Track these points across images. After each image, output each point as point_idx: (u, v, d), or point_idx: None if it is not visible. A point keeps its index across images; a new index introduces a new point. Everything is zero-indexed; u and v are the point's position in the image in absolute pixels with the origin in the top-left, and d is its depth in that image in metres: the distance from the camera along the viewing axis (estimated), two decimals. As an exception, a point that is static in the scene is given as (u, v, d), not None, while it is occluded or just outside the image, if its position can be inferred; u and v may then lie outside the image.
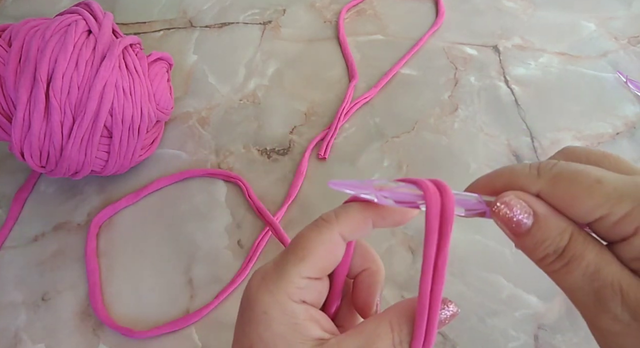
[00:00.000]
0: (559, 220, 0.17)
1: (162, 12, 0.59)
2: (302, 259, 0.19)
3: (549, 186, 0.18)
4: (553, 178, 0.18)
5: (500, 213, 0.18)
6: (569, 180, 0.17)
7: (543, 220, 0.17)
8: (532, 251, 0.18)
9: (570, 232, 0.17)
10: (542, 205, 0.17)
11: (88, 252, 0.40)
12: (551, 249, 0.17)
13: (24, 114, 0.36)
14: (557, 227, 0.17)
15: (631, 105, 0.48)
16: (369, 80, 0.51)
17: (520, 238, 0.18)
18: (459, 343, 0.35)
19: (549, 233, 0.17)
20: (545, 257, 0.17)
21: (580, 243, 0.17)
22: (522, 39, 0.55)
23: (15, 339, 0.36)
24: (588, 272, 0.16)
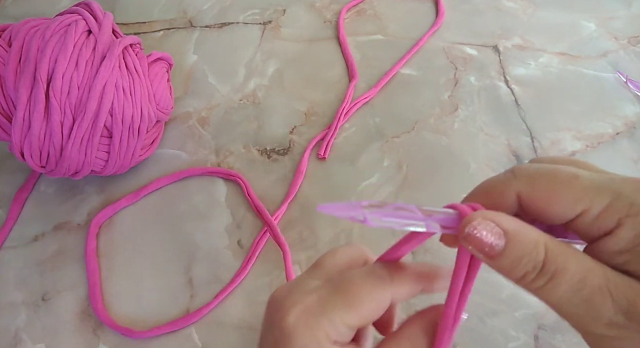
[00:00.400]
0: (531, 232, 0.17)
1: (162, 12, 0.59)
2: (351, 308, 0.19)
3: (527, 185, 0.17)
4: (530, 178, 0.17)
5: (469, 240, 0.17)
6: (547, 177, 0.17)
7: (514, 236, 0.16)
8: (511, 271, 0.17)
9: (544, 243, 0.16)
10: (510, 220, 0.17)
11: (88, 252, 0.40)
12: (530, 266, 0.16)
13: (24, 114, 0.36)
14: (530, 241, 0.16)
15: (631, 105, 0.48)
16: (369, 80, 0.51)
17: (496, 260, 0.17)
18: (459, 343, 0.35)
19: (524, 249, 0.16)
20: (525, 275, 0.17)
21: (559, 254, 0.16)
22: (522, 39, 0.55)
23: (15, 339, 0.36)
24: (574, 282, 0.16)
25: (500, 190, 0.18)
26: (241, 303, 0.37)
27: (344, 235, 0.40)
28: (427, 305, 0.22)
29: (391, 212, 0.17)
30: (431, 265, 0.22)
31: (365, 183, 0.43)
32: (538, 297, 0.17)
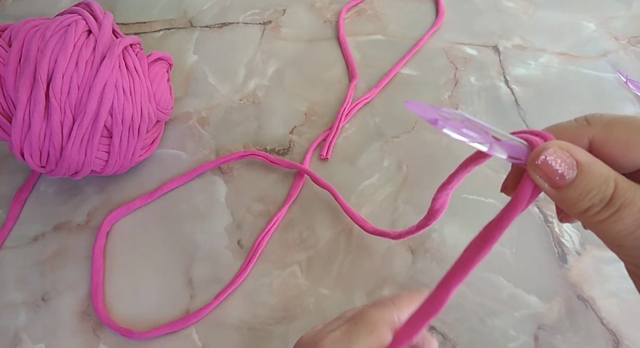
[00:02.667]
0: (603, 167, 0.17)
1: (162, 12, 0.59)
2: (371, 333, 0.22)
3: (603, 132, 0.17)
4: (606, 125, 0.18)
5: (542, 167, 0.17)
6: (624, 124, 0.17)
7: (587, 169, 0.16)
8: (575, 203, 0.17)
9: (614, 179, 0.16)
10: (584, 153, 0.17)
11: (96, 250, 0.39)
12: (597, 198, 0.16)
13: (24, 114, 0.36)
14: (601, 175, 0.16)
15: (631, 105, 0.48)
16: (369, 80, 0.51)
17: (562, 190, 0.17)
18: (459, 343, 0.35)
19: (594, 182, 0.16)
20: (590, 208, 0.17)
21: (628, 190, 0.16)
22: (522, 39, 0.55)
23: (15, 339, 0.36)
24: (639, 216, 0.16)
25: (572, 134, 0.18)
26: (241, 304, 0.37)
27: (344, 235, 0.40)
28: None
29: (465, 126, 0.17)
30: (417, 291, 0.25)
31: (365, 183, 0.43)
32: (596, 231, 0.17)
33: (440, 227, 0.40)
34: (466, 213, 0.41)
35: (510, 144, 0.18)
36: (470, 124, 0.18)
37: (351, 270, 0.38)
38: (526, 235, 0.40)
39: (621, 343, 0.34)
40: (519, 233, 0.40)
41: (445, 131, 0.17)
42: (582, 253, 0.39)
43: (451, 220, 0.40)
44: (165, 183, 0.43)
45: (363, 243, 0.40)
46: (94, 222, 0.42)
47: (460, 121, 0.18)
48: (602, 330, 0.35)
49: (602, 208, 0.16)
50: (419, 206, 0.41)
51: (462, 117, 0.18)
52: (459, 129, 0.17)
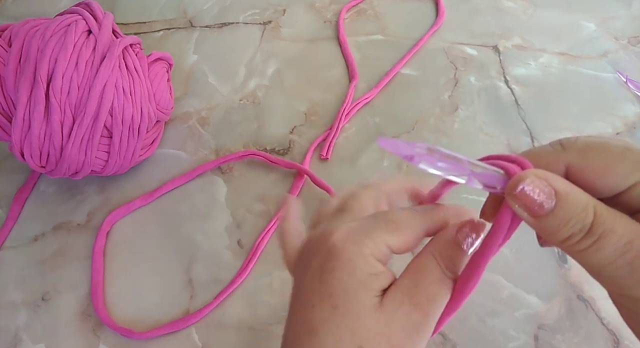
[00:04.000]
0: (582, 195, 0.17)
1: (162, 12, 0.59)
2: (393, 232, 0.20)
3: (579, 157, 0.17)
4: (582, 150, 0.17)
5: (520, 197, 0.17)
6: (599, 150, 0.17)
7: (566, 198, 0.16)
8: (555, 232, 0.17)
9: (593, 207, 0.16)
10: (562, 181, 0.17)
11: (95, 250, 0.39)
12: (577, 228, 0.16)
13: (24, 114, 0.36)
14: (580, 203, 0.16)
15: (631, 105, 0.48)
16: (369, 80, 0.51)
17: (542, 219, 0.17)
18: (459, 343, 0.35)
19: (573, 210, 0.16)
20: (570, 237, 0.16)
21: (607, 218, 0.16)
22: (522, 39, 0.55)
23: (15, 339, 0.36)
24: (620, 244, 0.16)
25: (548, 160, 0.18)
26: (241, 304, 0.37)
27: (344, 235, 0.40)
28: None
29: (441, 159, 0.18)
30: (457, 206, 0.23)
31: (365, 184, 0.43)
32: (578, 260, 0.17)
33: (440, 227, 0.40)
34: (466, 213, 0.41)
35: (487, 173, 0.18)
36: (446, 157, 0.18)
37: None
38: (526, 235, 0.40)
39: (621, 343, 0.34)
40: (519, 234, 0.39)
41: (422, 166, 0.17)
42: (582, 253, 0.39)
43: (451, 220, 0.40)
44: (165, 184, 0.43)
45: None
46: (94, 222, 0.42)
47: (435, 155, 0.18)
48: (602, 330, 0.35)
49: (582, 237, 0.16)
50: (419, 206, 0.41)
51: (436, 151, 0.18)
52: (435, 163, 0.18)
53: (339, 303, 0.19)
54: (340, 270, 0.20)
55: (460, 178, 0.18)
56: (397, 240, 0.20)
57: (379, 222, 0.21)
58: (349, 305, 0.19)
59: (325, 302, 0.19)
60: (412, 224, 0.21)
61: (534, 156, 0.18)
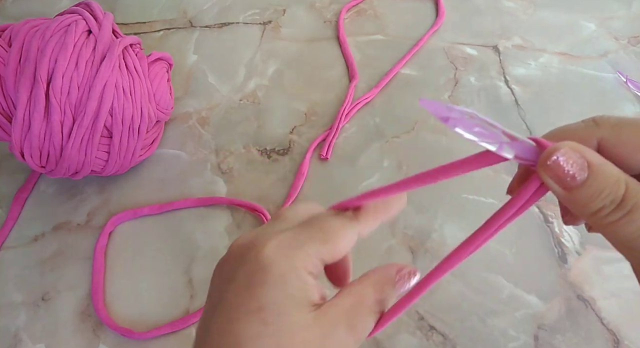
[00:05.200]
0: (614, 169, 0.17)
1: (162, 12, 0.59)
2: (325, 243, 0.20)
3: (611, 133, 0.18)
4: (615, 126, 0.18)
5: (553, 168, 0.17)
6: (632, 126, 0.17)
7: (599, 170, 0.16)
8: (586, 205, 0.17)
9: (625, 181, 0.16)
10: (595, 154, 0.17)
11: (97, 249, 0.39)
12: (609, 200, 0.16)
13: (24, 114, 0.36)
14: (612, 176, 0.16)
15: (631, 105, 0.48)
16: (369, 80, 0.51)
17: (573, 191, 0.17)
18: (459, 343, 0.35)
19: (606, 183, 0.16)
20: (601, 209, 0.17)
21: (639, 190, 0.16)
22: (522, 39, 0.55)
23: (15, 339, 0.36)
24: None
25: (580, 136, 0.18)
26: (241, 304, 0.37)
27: (344, 235, 0.40)
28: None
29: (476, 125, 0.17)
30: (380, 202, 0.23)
31: (365, 184, 0.43)
32: (606, 233, 0.17)
33: (440, 227, 0.40)
34: (466, 213, 0.41)
35: (520, 144, 0.18)
36: (482, 123, 0.17)
37: (351, 270, 0.38)
38: (526, 235, 0.40)
39: (621, 343, 0.34)
40: (519, 233, 0.40)
41: (457, 130, 0.17)
42: (582, 253, 0.39)
43: (451, 220, 0.40)
44: (178, 201, 0.42)
45: (363, 243, 0.40)
46: (94, 222, 0.42)
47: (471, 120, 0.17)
48: (602, 330, 0.35)
49: (613, 209, 0.16)
50: (419, 206, 0.41)
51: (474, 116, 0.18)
52: (471, 128, 0.17)
53: (269, 319, 0.19)
54: (270, 285, 0.19)
55: (492, 146, 0.17)
56: (330, 250, 0.21)
57: (312, 232, 0.21)
58: (280, 321, 0.19)
59: (254, 317, 0.19)
60: (345, 232, 0.21)
61: (566, 132, 0.19)
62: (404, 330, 0.36)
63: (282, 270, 0.19)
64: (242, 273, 0.20)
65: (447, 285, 0.37)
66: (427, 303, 0.37)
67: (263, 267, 0.19)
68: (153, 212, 0.42)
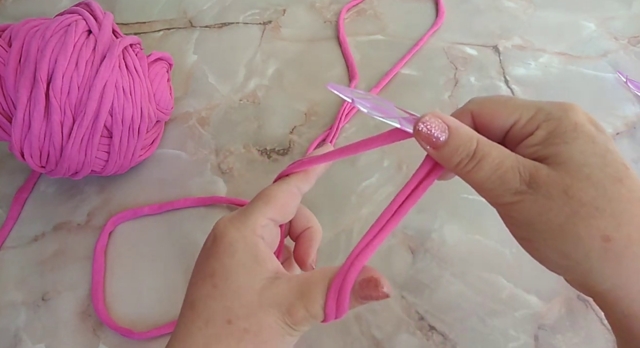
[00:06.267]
0: (468, 130, 0.22)
1: (162, 12, 0.59)
2: (267, 203, 0.25)
3: (478, 106, 0.23)
4: (480, 101, 0.24)
5: (422, 132, 0.21)
6: (492, 100, 0.23)
7: (455, 131, 0.21)
8: (449, 159, 0.21)
9: (476, 138, 0.21)
10: (453, 119, 0.22)
11: (97, 249, 0.39)
12: (464, 154, 0.21)
13: (24, 114, 0.36)
14: (466, 135, 0.21)
15: (631, 105, 0.48)
16: (369, 80, 0.51)
17: (439, 149, 0.21)
18: (459, 343, 0.35)
19: (461, 140, 0.21)
20: (460, 162, 0.21)
21: (486, 145, 0.21)
22: (522, 39, 0.55)
23: (15, 339, 0.36)
24: (494, 164, 0.21)
25: (460, 112, 0.24)
26: (241, 304, 0.37)
27: (344, 235, 0.40)
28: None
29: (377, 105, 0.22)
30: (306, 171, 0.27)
31: (365, 184, 0.43)
32: (467, 180, 0.22)
33: (440, 227, 0.40)
34: (466, 213, 0.41)
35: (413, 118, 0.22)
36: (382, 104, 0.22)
37: (351, 270, 0.38)
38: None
39: (621, 343, 0.34)
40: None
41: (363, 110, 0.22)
42: (582, 253, 0.39)
43: (451, 220, 0.40)
44: (178, 200, 0.42)
45: (363, 243, 0.40)
46: (94, 222, 0.42)
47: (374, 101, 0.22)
48: (602, 330, 0.35)
49: (468, 161, 0.21)
50: (418, 206, 0.41)
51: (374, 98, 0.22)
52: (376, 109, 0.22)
53: (218, 283, 0.22)
54: (221, 253, 0.23)
55: (393, 122, 0.22)
56: (274, 207, 0.24)
57: (256, 200, 0.25)
58: (227, 285, 0.22)
59: (207, 281, 0.22)
60: (283, 188, 0.25)
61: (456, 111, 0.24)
62: (404, 330, 0.36)
63: (231, 240, 0.23)
64: (204, 247, 0.25)
65: (447, 285, 0.37)
66: (427, 303, 0.37)
67: (216, 239, 0.23)
68: (153, 212, 0.42)
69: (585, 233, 0.19)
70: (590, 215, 0.19)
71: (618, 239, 0.19)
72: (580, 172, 0.20)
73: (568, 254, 0.20)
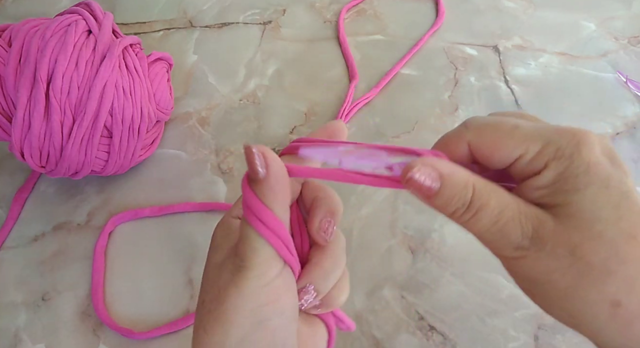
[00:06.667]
0: (462, 176, 0.19)
1: (162, 12, 0.59)
2: None
3: (476, 135, 0.20)
4: (479, 128, 0.20)
5: (412, 181, 0.19)
6: (493, 128, 0.20)
7: (449, 179, 0.19)
8: (444, 208, 0.19)
9: (472, 185, 0.19)
10: (446, 165, 0.19)
11: (97, 249, 0.39)
12: (460, 203, 0.19)
13: (24, 114, 0.36)
14: (461, 182, 0.19)
15: (631, 105, 0.48)
16: (369, 80, 0.51)
17: (432, 199, 0.19)
18: (459, 343, 0.35)
19: (456, 189, 0.19)
20: (455, 211, 0.19)
21: (484, 193, 0.19)
22: (522, 39, 0.55)
23: (15, 339, 0.36)
24: (493, 215, 0.19)
25: (455, 141, 0.21)
26: (241, 304, 0.37)
27: (344, 234, 0.40)
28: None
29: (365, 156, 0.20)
30: None
31: (365, 184, 0.43)
32: (465, 228, 0.20)
33: (440, 227, 0.40)
34: (466, 213, 0.41)
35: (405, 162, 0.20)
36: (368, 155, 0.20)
37: (351, 270, 0.38)
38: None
39: (621, 343, 0.34)
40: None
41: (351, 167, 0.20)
42: (582, 253, 0.39)
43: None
44: (179, 204, 0.42)
45: (363, 243, 0.40)
46: (94, 222, 0.42)
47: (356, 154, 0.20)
48: (602, 330, 0.35)
49: (464, 211, 0.19)
50: (418, 206, 0.41)
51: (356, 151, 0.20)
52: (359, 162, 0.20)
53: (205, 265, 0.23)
54: (211, 254, 0.23)
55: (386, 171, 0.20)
56: None
57: None
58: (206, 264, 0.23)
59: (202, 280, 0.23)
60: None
61: (444, 138, 0.22)
62: (404, 330, 0.36)
63: (215, 242, 0.24)
64: None
65: (447, 285, 0.37)
66: (427, 303, 0.37)
67: (211, 242, 0.24)
68: (154, 214, 0.42)
69: (593, 298, 0.18)
70: (600, 279, 0.18)
71: (629, 304, 0.17)
72: (591, 229, 0.18)
73: (574, 315, 0.19)
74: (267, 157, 0.20)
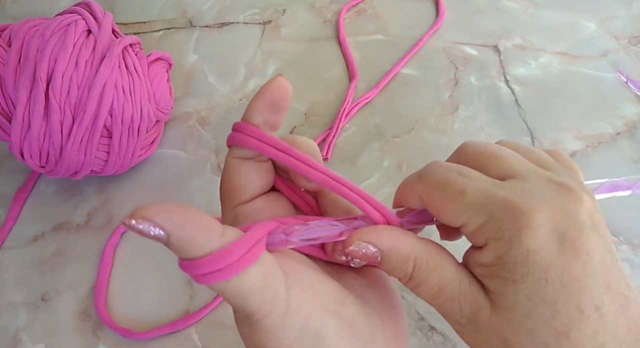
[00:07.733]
0: (403, 250, 0.19)
1: (162, 12, 0.59)
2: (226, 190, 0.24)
3: (425, 192, 0.20)
4: (428, 186, 0.20)
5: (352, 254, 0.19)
6: (439, 189, 0.19)
7: (387, 254, 0.19)
8: (389, 273, 0.20)
9: (413, 259, 0.19)
10: (387, 239, 0.19)
11: (107, 248, 0.39)
12: (402, 275, 0.20)
13: (24, 114, 0.36)
14: (401, 257, 0.19)
15: (631, 105, 0.48)
16: (369, 80, 0.51)
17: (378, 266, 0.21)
18: (459, 343, 0.35)
19: (396, 263, 0.19)
20: (400, 279, 0.20)
21: (424, 269, 0.19)
22: (522, 38, 0.55)
23: (15, 339, 0.36)
24: (433, 291, 0.19)
25: (408, 192, 0.21)
26: (241, 304, 0.37)
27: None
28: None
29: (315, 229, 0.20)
30: None
31: (365, 184, 0.43)
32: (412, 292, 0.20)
33: (440, 227, 0.40)
34: (466, 213, 0.41)
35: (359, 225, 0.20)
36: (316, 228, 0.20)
37: (351, 270, 0.38)
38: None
39: (621, 343, 0.34)
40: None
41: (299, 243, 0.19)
42: (582, 253, 0.39)
43: (451, 220, 0.40)
44: None
45: (363, 243, 0.40)
46: (93, 222, 0.42)
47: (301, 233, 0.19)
48: (602, 330, 0.35)
49: (407, 281, 0.20)
50: (419, 206, 0.41)
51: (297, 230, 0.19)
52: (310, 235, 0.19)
53: None
54: None
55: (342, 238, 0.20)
56: None
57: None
58: None
59: None
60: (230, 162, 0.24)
61: (401, 186, 0.22)
62: (404, 330, 0.36)
63: None
64: None
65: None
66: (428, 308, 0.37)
67: None
68: None
69: None
70: None
71: None
72: (522, 325, 0.18)
73: None
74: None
